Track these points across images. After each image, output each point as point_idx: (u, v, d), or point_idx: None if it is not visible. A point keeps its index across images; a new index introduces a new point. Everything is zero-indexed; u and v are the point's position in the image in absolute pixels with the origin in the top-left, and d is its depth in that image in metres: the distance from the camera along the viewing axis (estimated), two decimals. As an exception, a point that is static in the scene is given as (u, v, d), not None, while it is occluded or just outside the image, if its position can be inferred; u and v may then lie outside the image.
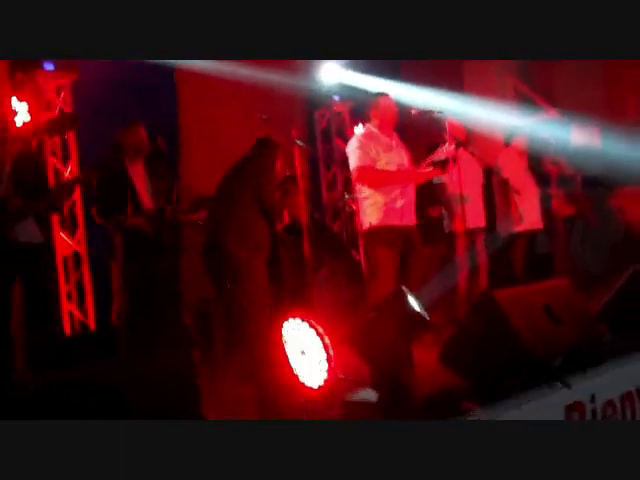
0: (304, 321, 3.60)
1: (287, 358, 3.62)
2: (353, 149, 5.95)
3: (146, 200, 5.72)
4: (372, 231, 5.89)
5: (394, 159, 5.90)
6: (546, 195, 7.31)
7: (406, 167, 5.99)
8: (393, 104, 6.04)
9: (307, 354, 3.61)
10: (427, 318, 3.87)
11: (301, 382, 3.59)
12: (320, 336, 3.56)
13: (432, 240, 6.95)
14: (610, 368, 3.85)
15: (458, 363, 3.70)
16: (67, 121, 5.02)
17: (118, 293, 5.63)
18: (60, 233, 6.96)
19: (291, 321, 3.64)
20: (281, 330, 3.70)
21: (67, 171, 6.96)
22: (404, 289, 3.87)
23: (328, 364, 3.57)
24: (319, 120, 9.31)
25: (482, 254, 6.86)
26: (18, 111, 6.05)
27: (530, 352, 3.57)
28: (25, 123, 5.94)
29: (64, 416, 2.79)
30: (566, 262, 7.37)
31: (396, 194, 5.82)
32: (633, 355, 4.00)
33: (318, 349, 3.59)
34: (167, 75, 7.36)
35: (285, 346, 3.63)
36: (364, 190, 5.94)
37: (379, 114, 5.99)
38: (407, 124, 6.15)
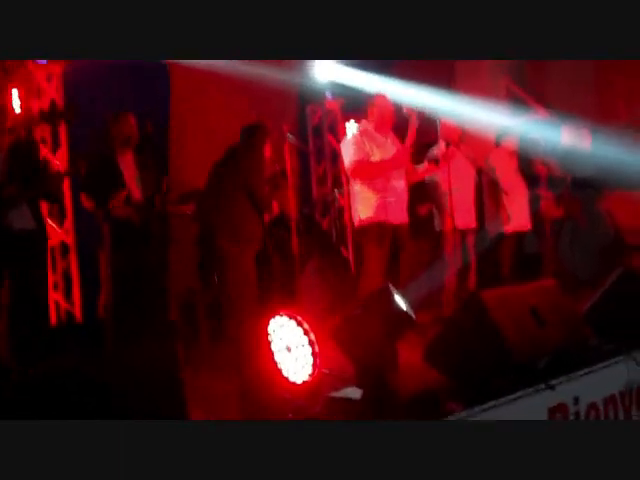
0: (291, 318, 3.60)
1: (272, 353, 3.62)
2: (348, 145, 5.96)
3: (134, 189, 5.70)
4: (362, 227, 5.89)
5: (387, 157, 5.90)
6: (535, 196, 7.32)
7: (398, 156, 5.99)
8: (389, 104, 6.05)
9: (293, 350, 3.61)
10: (413, 316, 3.87)
11: (285, 377, 3.59)
12: (306, 332, 3.56)
13: (422, 238, 6.96)
14: (594, 371, 3.86)
15: (443, 362, 3.70)
16: (66, 111, 5.01)
17: (105, 283, 5.61)
18: (48, 222, 6.91)
19: (278, 317, 3.64)
20: (267, 325, 3.69)
21: (56, 159, 6.91)
22: (390, 287, 3.87)
23: (313, 360, 3.57)
24: (311, 116, 9.28)
25: (471, 253, 6.87)
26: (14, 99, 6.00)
27: (515, 353, 3.57)
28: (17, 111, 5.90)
29: (45, 410, 2.76)
30: (554, 263, 7.38)
31: (387, 191, 5.83)
32: (618, 358, 4.01)
33: (304, 345, 3.59)
34: (160, 67, 7.31)
35: (271, 342, 3.63)
36: (356, 186, 5.94)
37: (375, 113, 6.01)
38: (399, 123, 6.15)
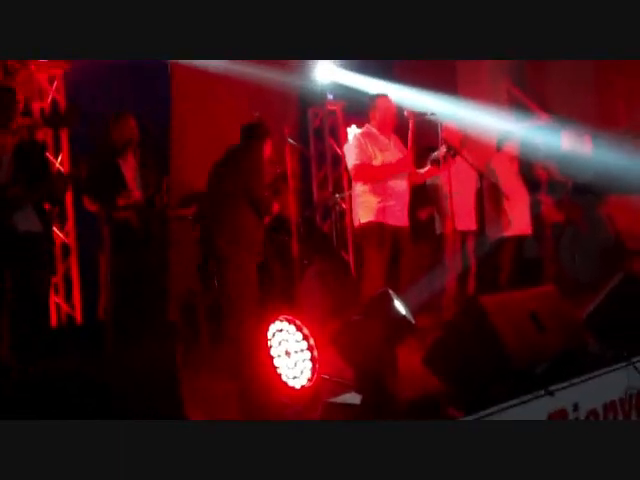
0: (290, 322, 3.59)
1: (271, 358, 3.62)
2: (351, 147, 5.97)
3: (135, 191, 5.70)
4: (363, 230, 5.89)
5: (389, 159, 5.90)
6: (536, 201, 7.31)
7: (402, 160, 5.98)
8: (392, 105, 6.06)
9: (292, 355, 3.61)
10: (412, 322, 3.86)
11: (284, 382, 3.59)
12: (305, 337, 3.56)
13: (423, 241, 6.95)
14: (594, 377, 3.85)
15: (442, 368, 3.69)
16: (68, 116, 5.01)
17: (105, 285, 5.61)
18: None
19: (277, 322, 3.64)
20: (267, 330, 3.69)
21: (58, 161, 6.91)
22: (390, 292, 3.86)
23: (312, 365, 3.57)
24: (312, 118, 9.27)
25: (471, 257, 6.87)
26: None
27: (515, 359, 3.56)
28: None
29: (43, 409, 2.76)
30: (555, 268, 7.38)
31: (388, 194, 5.82)
32: (618, 364, 4.00)
33: (303, 350, 3.58)
34: (162, 68, 7.32)
35: (270, 346, 3.62)
36: (357, 188, 5.94)
37: (377, 115, 6.01)
38: (401, 126, 6.15)
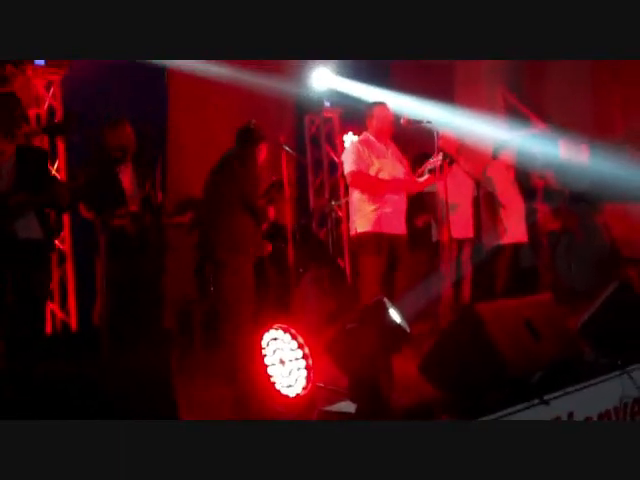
0: (285, 331, 3.59)
1: (265, 366, 3.61)
2: (348, 154, 5.98)
3: (132, 197, 5.69)
4: (360, 239, 5.89)
5: (387, 167, 5.91)
6: (532, 209, 7.32)
7: (399, 177, 5.99)
8: (389, 113, 6.06)
9: (286, 363, 3.60)
10: (407, 330, 3.85)
11: (278, 391, 3.58)
12: (300, 346, 3.55)
13: (419, 249, 6.95)
14: (589, 385, 3.85)
15: (438, 375, 3.69)
16: (65, 126, 5.01)
17: (101, 292, 5.59)
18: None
19: (272, 330, 3.63)
20: (262, 337, 3.68)
21: (54, 168, 6.90)
22: (385, 300, 3.85)
23: (307, 374, 3.56)
24: (308, 125, 9.28)
25: (467, 265, 6.87)
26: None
27: (510, 367, 3.55)
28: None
29: (35, 413, 2.75)
30: (550, 276, 7.39)
31: (385, 202, 5.82)
32: (613, 373, 4.00)
33: (297, 358, 3.58)
34: (158, 74, 7.32)
35: (264, 354, 3.62)
36: (354, 196, 5.95)
37: (375, 123, 6.02)
38: (397, 133, 6.16)
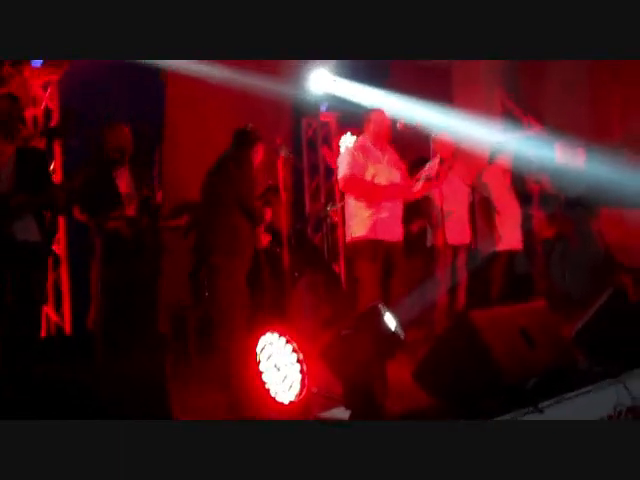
0: (280, 336, 3.58)
1: (259, 372, 3.60)
2: (343, 158, 5.98)
3: (128, 201, 5.68)
4: (355, 245, 5.88)
5: (383, 173, 5.91)
6: (527, 216, 7.31)
7: (395, 183, 5.99)
8: (386, 119, 6.06)
9: (281, 369, 3.59)
10: (402, 337, 3.85)
11: (272, 397, 3.57)
12: (295, 351, 3.54)
13: (414, 255, 6.94)
14: (583, 394, 3.84)
15: (432, 382, 3.68)
16: (62, 129, 5.00)
17: (95, 296, 5.58)
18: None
19: (267, 335, 3.63)
20: (256, 343, 3.68)
21: (51, 169, 6.88)
22: (380, 306, 3.85)
23: (301, 379, 3.55)
24: (305, 129, 9.26)
25: (463, 271, 6.86)
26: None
27: (505, 374, 3.55)
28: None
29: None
30: (545, 283, 7.38)
31: (381, 207, 5.82)
32: (607, 381, 3.99)
33: (292, 364, 3.57)
34: (155, 76, 7.31)
35: (259, 361, 3.61)
36: (349, 201, 5.94)
37: (372, 128, 6.02)
38: (394, 138, 6.16)
